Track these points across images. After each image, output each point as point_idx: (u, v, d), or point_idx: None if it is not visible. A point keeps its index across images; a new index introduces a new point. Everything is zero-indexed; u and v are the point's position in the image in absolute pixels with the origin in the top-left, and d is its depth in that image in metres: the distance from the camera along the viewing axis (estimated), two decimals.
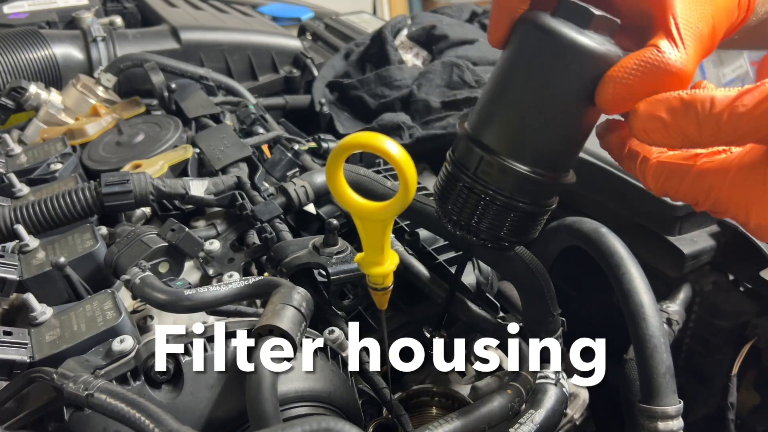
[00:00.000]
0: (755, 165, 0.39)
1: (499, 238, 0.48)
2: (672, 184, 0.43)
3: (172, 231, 0.72)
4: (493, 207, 0.46)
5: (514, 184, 0.45)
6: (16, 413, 0.50)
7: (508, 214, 0.46)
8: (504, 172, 0.44)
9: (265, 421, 0.45)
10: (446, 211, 0.49)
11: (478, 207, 0.47)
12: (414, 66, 1.27)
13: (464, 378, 0.76)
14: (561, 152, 0.45)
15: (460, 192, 0.47)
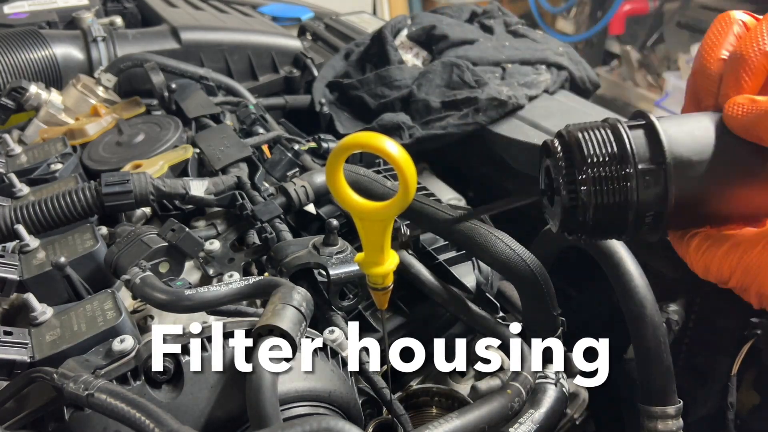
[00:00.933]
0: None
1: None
2: (711, 253, 0.43)
3: (172, 231, 0.72)
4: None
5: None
6: (17, 413, 0.50)
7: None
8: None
9: (265, 421, 0.45)
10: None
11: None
12: (414, 66, 1.27)
13: (464, 378, 0.76)
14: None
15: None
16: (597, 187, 0.41)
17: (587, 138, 0.42)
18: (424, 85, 1.15)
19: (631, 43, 3.58)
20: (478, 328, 0.65)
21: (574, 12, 3.73)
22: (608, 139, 0.42)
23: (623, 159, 0.41)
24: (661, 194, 0.41)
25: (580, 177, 0.41)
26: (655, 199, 0.41)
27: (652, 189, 0.41)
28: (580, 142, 0.42)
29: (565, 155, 0.42)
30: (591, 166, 0.41)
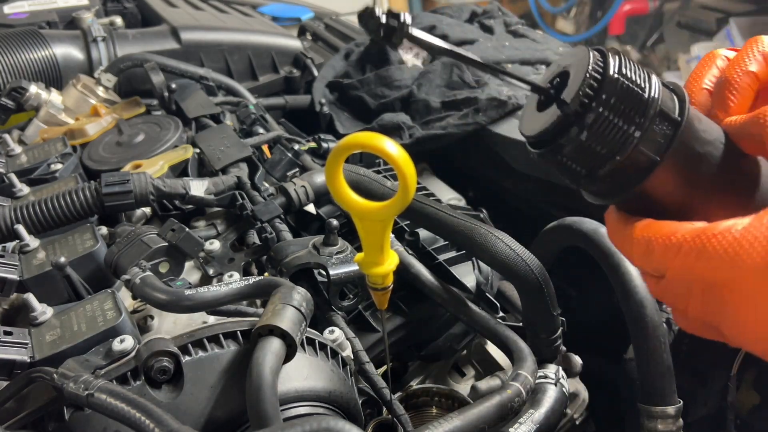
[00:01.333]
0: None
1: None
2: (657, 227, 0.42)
3: (172, 231, 0.72)
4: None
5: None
6: (17, 413, 0.50)
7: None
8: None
9: (265, 420, 0.45)
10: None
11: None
12: (414, 66, 1.27)
13: (464, 378, 0.76)
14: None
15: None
16: (609, 114, 0.38)
17: (628, 69, 0.39)
18: (424, 85, 1.15)
19: (631, 43, 3.59)
20: (478, 328, 0.65)
21: (574, 12, 3.73)
22: (644, 81, 0.39)
23: (646, 106, 0.39)
24: (650, 161, 0.40)
25: (600, 97, 0.38)
26: (646, 161, 0.40)
27: (647, 150, 0.39)
28: (622, 69, 0.39)
29: (595, 70, 0.39)
30: (616, 94, 0.38)
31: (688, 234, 0.38)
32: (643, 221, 0.41)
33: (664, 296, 0.42)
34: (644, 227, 0.41)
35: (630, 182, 0.41)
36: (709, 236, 0.37)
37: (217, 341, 0.53)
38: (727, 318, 0.38)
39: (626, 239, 0.42)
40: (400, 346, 0.73)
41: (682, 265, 0.38)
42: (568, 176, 0.42)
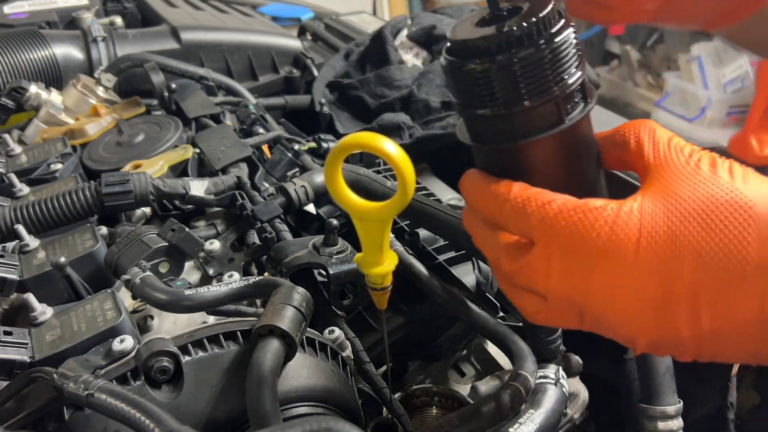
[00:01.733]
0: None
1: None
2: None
3: (172, 231, 0.72)
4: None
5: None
6: (17, 413, 0.49)
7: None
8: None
9: (265, 421, 0.45)
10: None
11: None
12: (414, 66, 1.27)
13: (464, 378, 0.76)
14: None
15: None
16: (543, 60, 0.38)
17: (574, 37, 0.39)
18: (424, 85, 1.15)
19: (631, 43, 3.59)
20: (478, 328, 0.65)
21: None
22: (577, 59, 0.40)
23: (565, 79, 0.39)
24: (549, 124, 0.40)
25: (546, 39, 0.38)
26: (546, 121, 0.39)
27: (543, 116, 0.39)
28: (571, 33, 0.39)
29: (552, 15, 0.38)
30: (559, 47, 0.38)
31: (568, 204, 0.38)
32: (518, 183, 0.41)
33: (525, 269, 0.40)
34: (522, 189, 0.40)
35: (524, 133, 0.40)
36: (589, 209, 0.37)
37: (217, 341, 0.53)
38: (594, 295, 0.37)
39: (498, 196, 0.41)
40: (400, 347, 0.73)
41: (558, 234, 0.38)
42: (467, 96, 0.41)
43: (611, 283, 0.37)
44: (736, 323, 0.35)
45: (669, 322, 0.36)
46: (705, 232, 0.35)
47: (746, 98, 2.83)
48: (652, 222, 0.36)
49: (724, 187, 0.36)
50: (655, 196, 0.37)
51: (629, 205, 0.37)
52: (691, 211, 0.36)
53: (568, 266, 0.38)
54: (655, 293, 0.35)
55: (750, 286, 0.34)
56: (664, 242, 0.35)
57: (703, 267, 0.35)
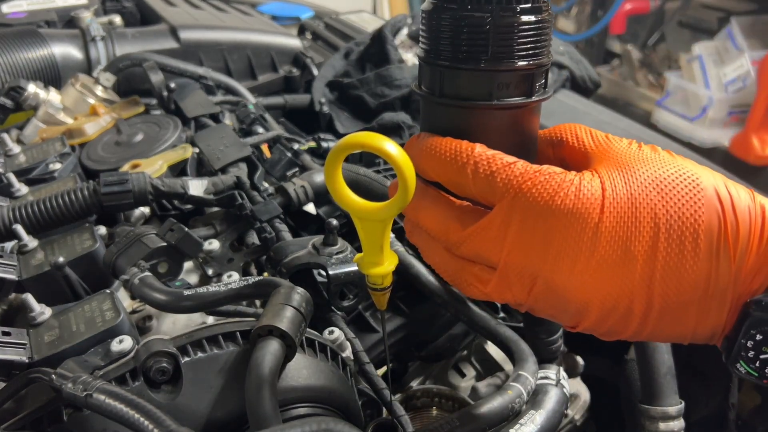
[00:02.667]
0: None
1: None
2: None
3: (171, 231, 0.72)
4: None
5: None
6: (15, 414, 0.49)
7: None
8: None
9: (264, 421, 0.45)
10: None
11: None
12: (414, 65, 1.27)
13: (464, 378, 0.76)
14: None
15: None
16: (530, 28, 0.39)
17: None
18: None
19: (632, 42, 3.58)
20: (479, 328, 0.65)
21: (575, 11, 3.73)
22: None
23: (543, 55, 0.40)
24: (509, 95, 0.40)
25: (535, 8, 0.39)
26: (503, 89, 0.40)
27: (517, 85, 0.40)
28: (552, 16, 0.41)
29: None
30: (543, 23, 0.39)
31: (532, 167, 0.39)
32: (479, 144, 0.40)
33: (477, 235, 0.39)
34: (485, 149, 0.40)
35: (473, 96, 0.40)
36: (554, 173, 0.38)
37: (216, 342, 0.52)
38: (553, 259, 0.38)
39: (461, 153, 0.40)
40: (401, 347, 0.73)
41: (523, 195, 0.38)
42: (453, 46, 0.40)
43: (573, 246, 0.37)
44: (684, 289, 0.37)
45: (624, 287, 0.37)
46: (662, 198, 0.37)
47: (748, 98, 2.83)
48: (613, 187, 0.38)
49: (670, 163, 0.39)
50: (610, 168, 0.39)
51: (589, 175, 0.39)
52: (647, 180, 0.38)
53: (528, 230, 0.38)
54: (613, 255, 0.37)
55: (700, 249, 0.36)
56: (626, 206, 0.37)
57: (660, 229, 0.36)
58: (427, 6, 0.41)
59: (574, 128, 0.45)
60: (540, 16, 0.40)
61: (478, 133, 0.41)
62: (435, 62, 0.41)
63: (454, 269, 0.42)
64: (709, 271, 0.36)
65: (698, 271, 0.36)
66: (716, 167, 0.87)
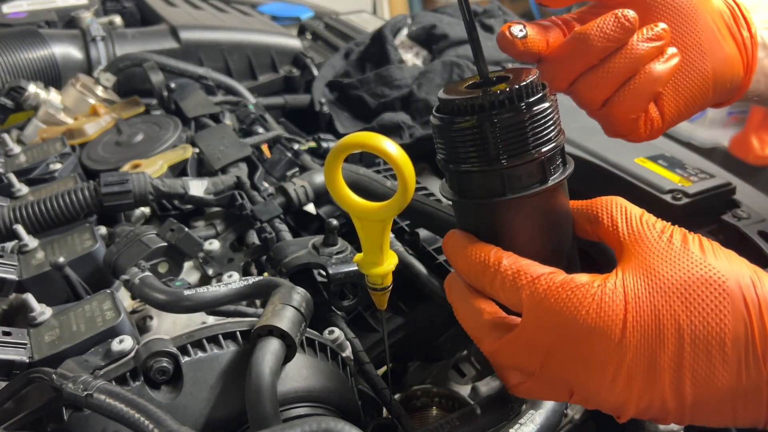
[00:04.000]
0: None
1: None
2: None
3: (171, 231, 0.72)
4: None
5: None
6: (15, 414, 0.49)
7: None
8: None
9: (264, 421, 0.45)
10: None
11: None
12: (414, 65, 1.27)
13: (464, 378, 0.76)
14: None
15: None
16: (511, 127, 0.40)
17: (555, 105, 0.42)
18: (424, 84, 1.15)
19: None
20: None
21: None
22: (557, 124, 0.42)
23: (548, 141, 0.41)
24: (523, 186, 0.41)
25: (518, 109, 0.40)
26: (516, 182, 0.41)
27: (528, 175, 0.41)
28: (554, 100, 0.42)
29: (539, 85, 0.42)
30: (532, 118, 0.41)
31: (556, 280, 0.39)
32: (507, 253, 0.42)
33: (508, 348, 0.41)
34: (513, 261, 0.41)
35: (489, 194, 0.42)
36: (576, 286, 0.39)
37: (216, 342, 0.52)
38: (582, 372, 0.39)
39: (488, 268, 0.41)
40: (400, 347, 0.73)
41: (547, 311, 0.39)
42: (454, 152, 0.43)
43: (599, 360, 0.38)
44: (716, 392, 0.37)
45: (655, 394, 0.38)
46: (686, 308, 0.37)
47: None
48: (636, 299, 0.38)
49: (698, 263, 0.38)
50: (635, 272, 0.39)
51: (612, 282, 0.39)
52: (671, 288, 0.38)
53: (556, 345, 0.39)
54: (641, 367, 0.37)
55: (728, 357, 0.36)
56: (649, 318, 0.37)
57: (685, 340, 0.37)
58: (433, 121, 0.44)
59: (611, 207, 0.44)
60: (527, 114, 0.40)
61: (503, 224, 0.43)
62: (447, 167, 0.44)
63: (496, 368, 0.45)
64: (740, 375, 0.36)
65: (728, 376, 0.36)
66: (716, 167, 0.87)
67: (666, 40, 0.50)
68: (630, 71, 0.49)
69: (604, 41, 0.48)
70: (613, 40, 0.48)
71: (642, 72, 0.50)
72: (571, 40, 0.50)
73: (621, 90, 0.50)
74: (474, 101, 0.41)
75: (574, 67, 0.50)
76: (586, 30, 0.48)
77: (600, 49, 0.48)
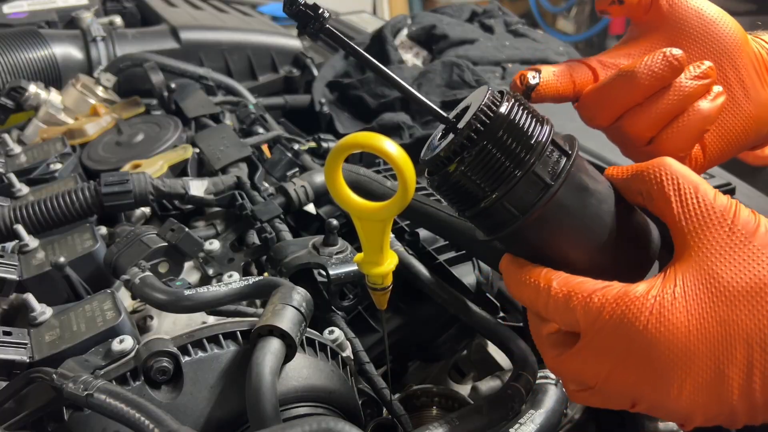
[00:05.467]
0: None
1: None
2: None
3: (171, 231, 0.72)
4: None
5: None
6: (16, 413, 0.49)
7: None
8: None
9: (264, 421, 0.45)
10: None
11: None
12: (414, 66, 1.27)
13: (464, 378, 0.76)
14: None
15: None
16: (493, 149, 0.39)
17: (520, 110, 0.40)
18: (424, 84, 1.15)
19: None
20: (479, 328, 0.65)
21: (575, 11, 3.73)
22: (532, 124, 0.40)
23: (530, 147, 0.40)
24: (531, 201, 0.40)
25: (486, 131, 0.39)
26: (522, 201, 0.40)
27: (529, 190, 0.40)
28: (513, 109, 0.40)
29: (487, 106, 0.40)
30: (501, 131, 0.39)
31: (609, 296, 0.38)
32: (557, 273, 0.41)
33: (569, 363, 0.40)
34: (563, 282, 0.40)
35: (509, 222, 0.41)
36: (631, 300, 0.37)
37: (216, 341, 0.53)
38: (645, 384, 0.38)
39: (540, 292, 0.41)
40: (400, 347, 0.73)
41: (604, 328, 0.38)
42: (453, 205, 0.43)
43: (662, 372, 0.37)
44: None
45: (724, 401, 0.36)
46: (753, 317, 0.36)
47: None
48: (699, 309, 0.36)
49: (763, 263, 0.36)
50: (695, 277, 0.37)
51: (671, 291, 0.37)
52: (736, 296, 0.36)
53: (615, 360, 0.38)
54: (707, 378, 0.36)
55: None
56: (714, 329, 0.36)
57: (754, 350, 0.36)
58: (429, 184, 0.44)
59: (660, 178, 0.40)
60: (488, 138, 0.40)
61: (539, 244, 0.42)
62: (462, 214, 0.44)
63: (560, 378, 0.44)
64: None
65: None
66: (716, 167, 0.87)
67: (712, 79, 0.49)
68: (678, 110, 0.49)
69: (652, 80, 0.47)
70: (660, 79, 0.48)
71: (690, 110, 0.49)
72: (617, 78, 0.49)
73: (668, 128, 0.49)
74: (448, 150, 0.40)
75: (619, 105, 0.50)
76: (634, 68, 0.48)
77: (647, 87, 0.48)
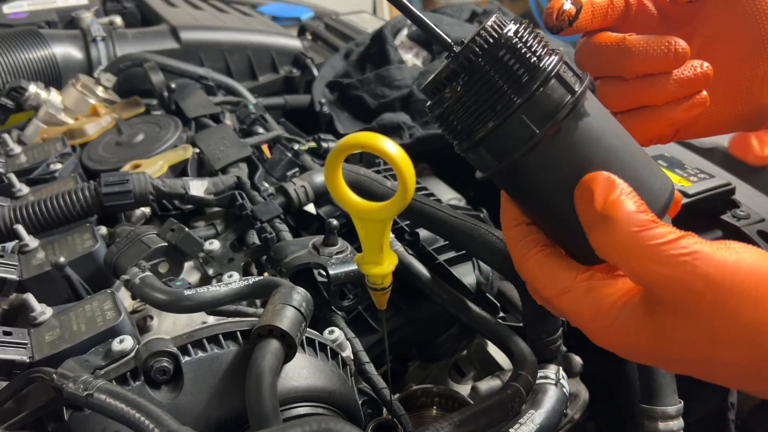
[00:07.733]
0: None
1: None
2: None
3: (171, 231, 0.72)
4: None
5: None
6: (16, 413, 0.49)
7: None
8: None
9: (265, 421, 0.45)
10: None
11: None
12: (414, 66, 1.27)
13: (464, 378, 0.76)
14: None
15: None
16: (493, 71, 0.37)
17: (526, 34, 0.38)
18: None
19: None
20: (479, 328, 0.65)
21: None
22: (539, 50, 0.39)
23: (533, 73, 0.37)
24: (530, 134, 0.37)
25: (486, 52, 0.37)
26: (526, 133, 0.37)
27: (554, 96, 0.37)
28: (519, 31, 0.38)
29: (492, 27, 0.38)
30: (502, 53, 0.37)
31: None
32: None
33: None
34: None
35: (506, 153, 0.38)
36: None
37: (216, 341, 0.53)
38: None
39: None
40: (400, 347, 0.73)
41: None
42: (449, 134, 0.41)
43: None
44: None
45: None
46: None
47: None
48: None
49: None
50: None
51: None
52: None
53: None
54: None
55: None
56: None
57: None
58: (432, 111, 0.42)
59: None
60: (506, 41, 0.37)
61: (562, 168, 0.39)
62: (468, 139, 0.40)
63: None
64: None
65: None
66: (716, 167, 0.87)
67: (700, 87, 0.47)
68: (650, 102, 0.48)
69: (644, 66, 0.46)
70: (652, 69, 0.46)
71: (661, 108, 0.47)
72: (615, 46, 0.47)
73: (633, 113, 0.48)
74: (454, 63, 0.38)
75: (603, 69, 0.49)
76: (634, 45, 0.46)
77: (635, 70, 0.47)
